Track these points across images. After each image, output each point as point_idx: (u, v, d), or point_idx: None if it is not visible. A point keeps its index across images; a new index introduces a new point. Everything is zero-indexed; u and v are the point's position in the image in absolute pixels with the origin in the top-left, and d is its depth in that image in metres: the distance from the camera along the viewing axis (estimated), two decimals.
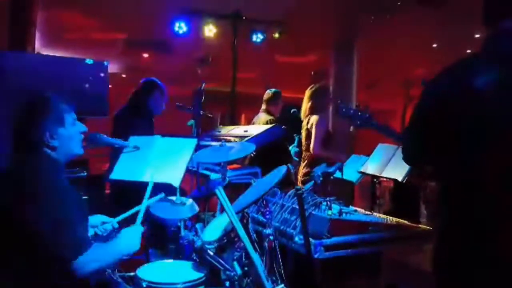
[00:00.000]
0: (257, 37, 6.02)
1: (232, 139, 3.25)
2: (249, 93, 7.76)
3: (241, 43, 6.41)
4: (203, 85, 2.93)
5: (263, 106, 4.13)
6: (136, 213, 1.98)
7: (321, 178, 1.81)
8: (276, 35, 6.18)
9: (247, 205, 1.65)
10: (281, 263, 1.97)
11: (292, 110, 4.09)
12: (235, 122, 4.72)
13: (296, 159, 4.01)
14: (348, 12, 6.84)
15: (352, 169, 3.91)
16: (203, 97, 2.93)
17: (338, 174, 4.12)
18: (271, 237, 1.77)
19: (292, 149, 4.13)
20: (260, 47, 6.90)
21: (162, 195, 2.18)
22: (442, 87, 1.61)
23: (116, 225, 2.05)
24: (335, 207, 2.12)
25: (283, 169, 1.73)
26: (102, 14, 6.63)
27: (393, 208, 3.35)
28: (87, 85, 3.92)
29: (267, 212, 1.80)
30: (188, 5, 5.49)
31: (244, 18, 4.75)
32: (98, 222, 2.01)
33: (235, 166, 3.06)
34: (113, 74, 8.99)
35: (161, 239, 2.92)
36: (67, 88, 3.65)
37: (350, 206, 2.33)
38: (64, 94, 1.84)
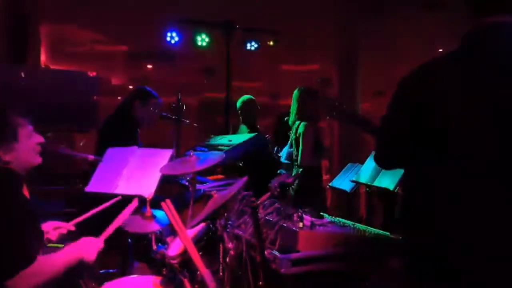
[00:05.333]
0: (251, 45, 5.97)
1: (219, 148, 3.20)
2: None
3: (246, 52, 6.39)
4: (180, 95, 2.88)
5: (240, 116, 4.14)
6: (95, 218, 1.96)
7: (278, 189, 1.73)
8: (271, 43, 6.13)
9: (201, 219, 1.58)
10: (250, 278, 1.89)
11: (285, 118, 4.01)
12: (228, 131, 4.70)
13: (287, 161, 3.91)
14: (350, 19, 6.75)
15: (347, 178, 3.81)
16: (183, 107, 2.87)
17: (335, 183, 4.05)
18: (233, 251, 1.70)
19: (285, 150, 4.03)
20: (263, 56, 6.87)
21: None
22: (416, 86, 1.50)
23: (73, 228, 2.01)
24: (308, 219, 2.03)
25: (242, 180, 1.65)
26: (104, 27, 6.73)
27: (385, 218, 3.23)
28: (75, 98, 3.91)
29: (228, 225, 1.73)
30: (183, 16, 5.49)
31: (237, 27, 4.72)
32: (50, 227, 1.97)
33: (218, 176, 3.00)
34: (119, 86, 9.11)
35: (144, 252, 2.88)
36: (54, 101, 3.65)
37: (326, 217, 2.23)
38: (31, 106, 1.83)
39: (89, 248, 1.75)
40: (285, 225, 1.98)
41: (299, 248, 1.86)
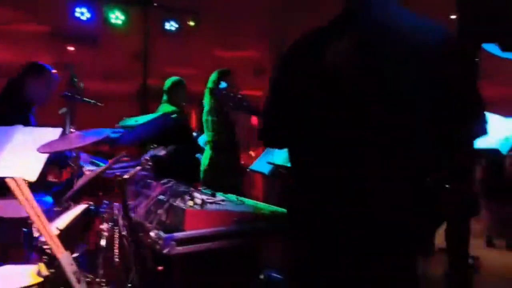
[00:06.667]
0: (171, 26, 5.76)
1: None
2: (192, 90, 7.51)
3: (179, 37, 6.16)
4: (72, 68, 2.67)
5: (164, 97, 3.98)
6: None
7: (149, 163, 1.63)
8: (191, 23, 5.95)
9: (67, 197, 1.44)
10: (133, 260, 1.79)
11: (202, 101, 3.90)
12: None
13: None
14: (283, 6, 6.71)
15: (265, 160, 3.77)
16: (80, 84, 2.66)
17: (255, 166, 3.99)
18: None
19: (203, 137, 3.93)
20: (197, 41, 6.67)
21: None
22: (290, 59, 1.54)
23: None
24: (199, 197, 1.94)
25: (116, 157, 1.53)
26: (25, 6, 6.26)
27: None
28: None
29: (103, 205, 1.60)
30: None
31: (155, 5, 4.49)
32: None
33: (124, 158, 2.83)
34: None
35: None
36: None
37: (220, 195, 2.15)
38: None
39: None
40: (174, 204, 1.88)
41: (186, 228, 1.77)
